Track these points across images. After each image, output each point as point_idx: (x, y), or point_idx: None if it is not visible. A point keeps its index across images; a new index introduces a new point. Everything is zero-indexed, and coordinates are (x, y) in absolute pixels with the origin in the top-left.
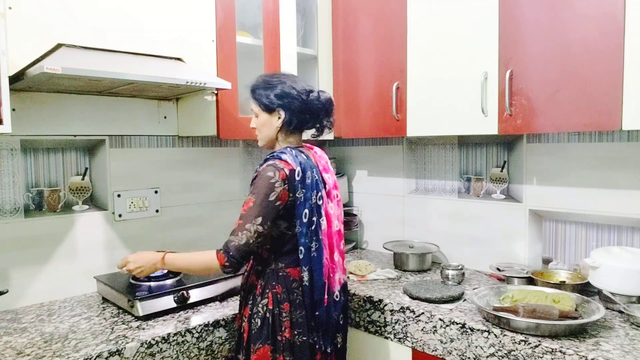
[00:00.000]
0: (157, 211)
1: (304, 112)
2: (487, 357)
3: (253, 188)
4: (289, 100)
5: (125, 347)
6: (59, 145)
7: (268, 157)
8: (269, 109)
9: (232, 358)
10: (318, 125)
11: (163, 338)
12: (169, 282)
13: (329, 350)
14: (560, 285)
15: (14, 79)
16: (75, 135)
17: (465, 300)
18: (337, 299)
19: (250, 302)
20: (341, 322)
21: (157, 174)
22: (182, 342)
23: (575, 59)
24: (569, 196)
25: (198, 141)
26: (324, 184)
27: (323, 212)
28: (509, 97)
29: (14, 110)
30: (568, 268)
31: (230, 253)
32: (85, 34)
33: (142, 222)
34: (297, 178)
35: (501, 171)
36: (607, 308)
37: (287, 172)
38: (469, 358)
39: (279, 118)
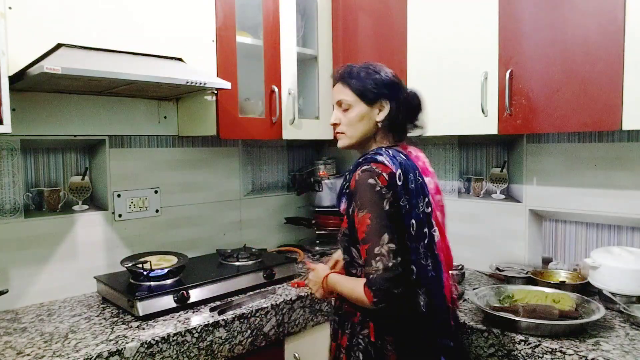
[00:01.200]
0: (157, 211)
1: (408, 107)
2: (487, 357)
3: (359, 202)
4: (396, 90)
5: (125, 347)
6: (59, 145)
7: (360, 160)
8: (370, 100)
9: None
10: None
11: (163, 338)
12: (169, 282)
13: None
14: (560, 285)
15: (14, 79)
16: (75, 135)
17: (465, 300)
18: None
19: (348, 331)
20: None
21: (157, 174)
22: (182, 342)
23: (575, 58)
24: (569, 196)
25: (198, 141)
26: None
27: (434, 222)
28: (509, 97)
29: (14, 110)
30: (568, 268)
31: (374, 288)
32: (85, 34)
33: (142, 222)
34: (399, 183)
35: (501, 171)
36: (607, 308)
37: (387, 177)
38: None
39: (381, 111)
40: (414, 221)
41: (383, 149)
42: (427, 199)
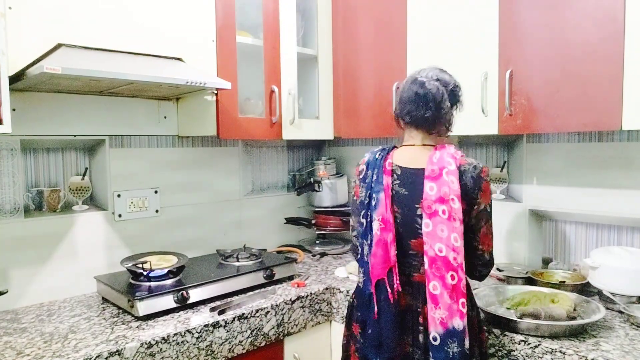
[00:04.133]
0: (157, 211)
1: (399, 100)
2: (487, 357)
3: None
4: (401, 87)
5: (125, 347)
6: (59, 145)
7: None
8: None
9: None
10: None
11: (163, 338)
12: (169, 282)
13: None
14: (560, 285)
15: (14, 79)
16: (75, 135)
17: None
18: (436, 343)
19: None
20: None
21: (157, 174)
22: (182, 342)
23: (575, 58)
24: (569, 196)
25: (198, 141)
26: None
27: (375, 216)
28: (509, 97)
29: (14, 110)
30: (568, 268)
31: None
32: (85, 34)
33: (142, 222)
34: (360, 177)
35: (501, 171)
36: (607, 308)
37: (358, 170)
38: None
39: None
40: (364, 211)
41: (379, 147)
42: (374, 195)
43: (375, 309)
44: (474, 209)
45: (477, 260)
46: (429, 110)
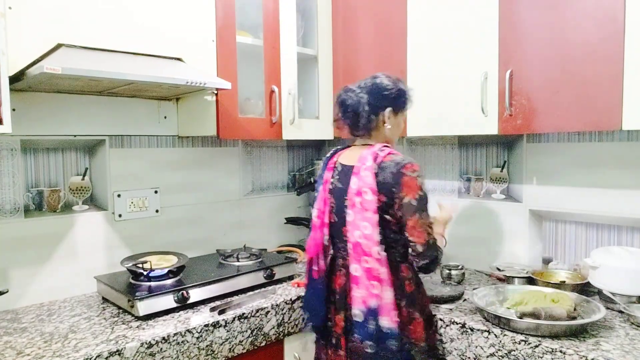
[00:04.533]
0: (157, 211)
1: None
2: (487, 357)
3: None
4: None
5: (125, 347)
6: (59, 145)
7: None
8: None
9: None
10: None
11: (163, 338)
12: (169, 282)
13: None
14: (560, 285)
15: (14, 79)
16: (75, 135)
17: (465, 300)
18: (359, 319)
19: None
20: (369, 351)
21: (157, 174)
22: (182, 342)
23: (575, 58)
24: (569, 196)
25: (198, 141)
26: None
27: (315, 205)
28: (509, 97)
29: (14, 110)
30: (568, 268)
31: None
32: (85, 34)
33: (142, 222)
34: (319, 173)
35: (501, 171)
36: (607, 308)
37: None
38: (469, 358)
39: None
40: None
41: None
42: (318, 188)
43: (306, 280)
44: (395, 202)
45: (411, 251)
46: (349, 116)
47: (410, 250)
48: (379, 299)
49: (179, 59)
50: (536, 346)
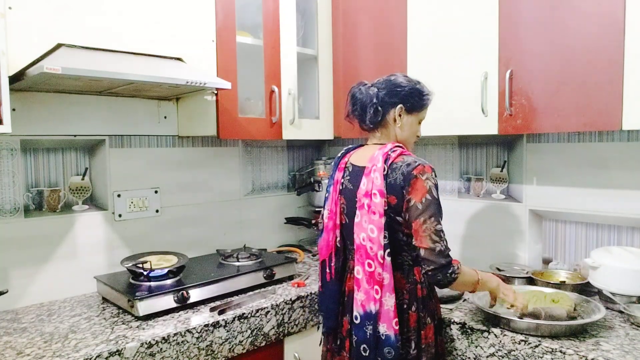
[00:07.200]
0: (157, 211)
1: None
2: (487, 357)
3: None
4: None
5: (125, 347)
6: (59, 145)
7: None
8: None
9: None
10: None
11: (163, 338)
12: (169, 282)
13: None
14: (560, 285)
15: (14, 79)
16: (75, 135)
17: (465, 300)
18: (357, 322)
19: None
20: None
21: (157, 174)
22: (182, 342)
23: (575, 58)
24: (569, 196)
25: (198, 141)
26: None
27: (327, 206)
28: (509, 97)
29: (14, 110)
30: (568, 268)
31: None
32: (85, 34)
33: (142, 222)
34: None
35: (501, 171)
36: (607, 308)
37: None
38: (469, 358)
39: None
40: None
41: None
42: (328, 189)
43: (319, 283)
44: (404, 203)
45: (417, 256)
46: (357, 109)
47: (416, 254)
48: (379, 304)
49: (179, 59)
50: (536, 346)
